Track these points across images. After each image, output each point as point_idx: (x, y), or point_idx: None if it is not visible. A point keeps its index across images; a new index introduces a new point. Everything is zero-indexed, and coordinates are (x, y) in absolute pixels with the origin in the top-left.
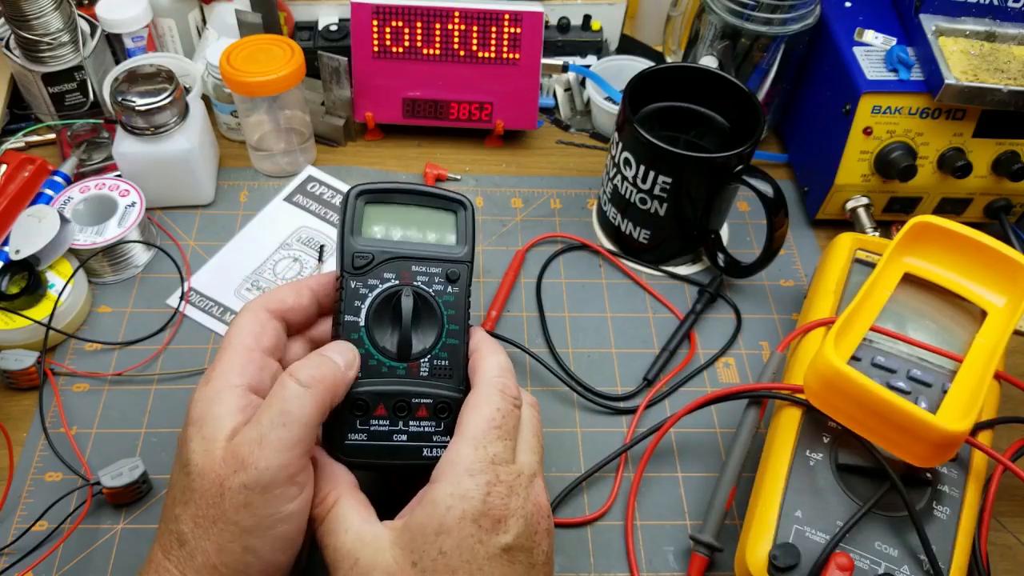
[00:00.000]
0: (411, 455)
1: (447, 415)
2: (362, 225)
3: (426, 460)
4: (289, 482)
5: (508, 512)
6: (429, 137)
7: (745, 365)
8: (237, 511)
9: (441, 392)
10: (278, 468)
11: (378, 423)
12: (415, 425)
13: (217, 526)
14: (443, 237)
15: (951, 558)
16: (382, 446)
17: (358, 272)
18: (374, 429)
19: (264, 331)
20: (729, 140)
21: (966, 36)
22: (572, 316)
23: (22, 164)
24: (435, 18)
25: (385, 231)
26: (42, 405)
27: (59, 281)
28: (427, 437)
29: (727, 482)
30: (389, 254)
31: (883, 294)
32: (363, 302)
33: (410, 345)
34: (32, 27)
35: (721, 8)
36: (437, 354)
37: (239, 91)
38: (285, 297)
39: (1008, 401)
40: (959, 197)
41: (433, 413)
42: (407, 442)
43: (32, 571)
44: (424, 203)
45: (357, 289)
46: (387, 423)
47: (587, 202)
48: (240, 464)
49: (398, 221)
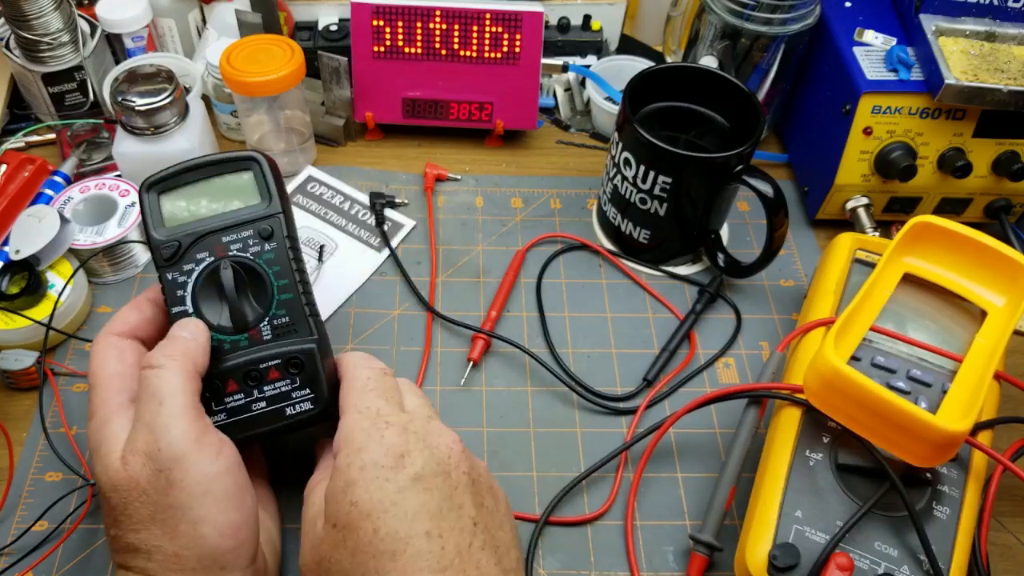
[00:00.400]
0: (274, 418)
1: (299, 370)
2: (161, 216)
3: (289, 419)
4: (197, 444)
5: (408, 447)
6: (429, 137)
7: (745, 365)
8: (166, 495)
9: (288, 349)
10: (179, 439)
11: (233, 399)
12: (270, 389)
13: (157, 519)
14: (245, 199)
15: (951, 558)
16: (244, 419)
17: (170, 263)
18: (232, 405)
19: (123, 352)
20: (729, 140)
21: (966, 36)
22: (572, 316)
23: (22, 164)
24: (435, 18)
25: (185, 213)
26: (42, 405)
27: (59, 281)
28: (285, 396)
29: (727, 482)
30: (194, 234)
31: (883, 294)
32: (185, 290)
33: (244, 314)
34: (32, 27)
35: (721, 8)
36: (275, 314)
37: (239, 91)
38: (128, 317)
39: (1008, 401)
40: (959, 197)
41: (285, 371)
42: (267, 407)
43: (32, 571)
44: (214, 172)
45: (175, 279)
46: (242, 396)
47: (587, 202)
48: (146, 457)
49: (195, 199)
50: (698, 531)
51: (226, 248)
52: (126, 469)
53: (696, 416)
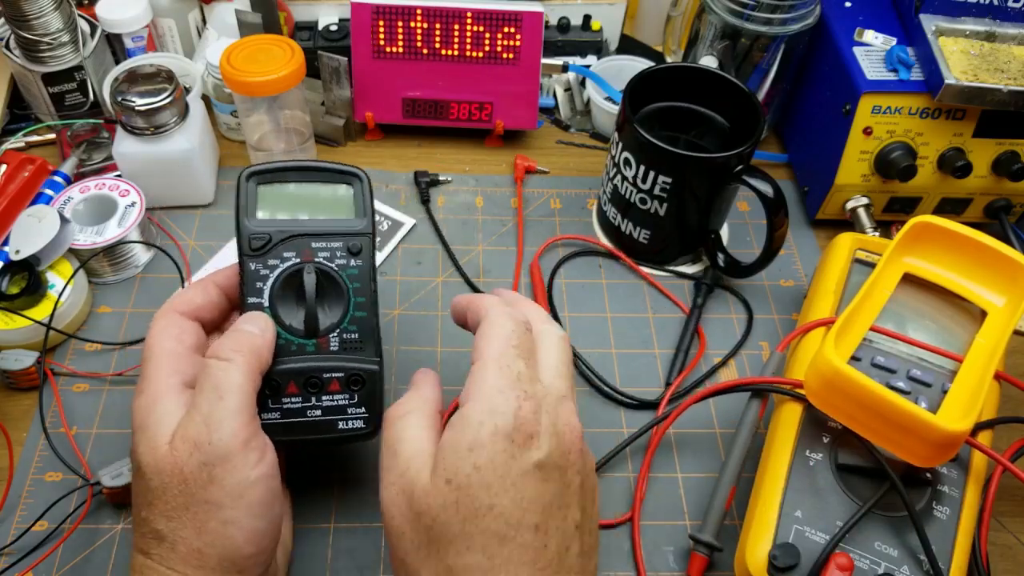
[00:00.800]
0: (326, 429)
1: (360, 387)
2: (257, 206)
3: (340, 433)
4: (245, 448)
5: (539, 428)
6: (429, 137)
7: (745, 365)
8: (205, 489)
9: (353, 365)
10: (230, 437)
11: (290, 400)
12: (328, 400)
13: (190, 511)
14: (341, 211)
15: (951, 558)
16: (297, 423)
17: (256, 254)
18: (287, 407)
19: (183, 332)
20: (729, 140)
21: (966, 36)
22: (572, 316)
23: (22, 164)
24: (435, 18)
25: (281, 210)
26: (42, 405)
27: (59, 281)
28: (341, 410)
29: (727, 482)
30: (287, 233)
31: (883, 294)
32: (265, 283)
33: (317, 321)
34: (32, 27)
35: (721, 8)
36: (346, 328)
37: (239, 91)
38: (193, 297)
39: (1008, 401)
40: (959, 197)
41: (345, 386)
42: (321, 417)
43: (32, 571)
44: (318, 179)
45: (257, 271)
46: (299, 400)
47: (587, 202)
48: (194, 447)
49: (293, 199)
50: (698, 531)
51: (314, 253)
52: (173, 454)
53: (696, 416)
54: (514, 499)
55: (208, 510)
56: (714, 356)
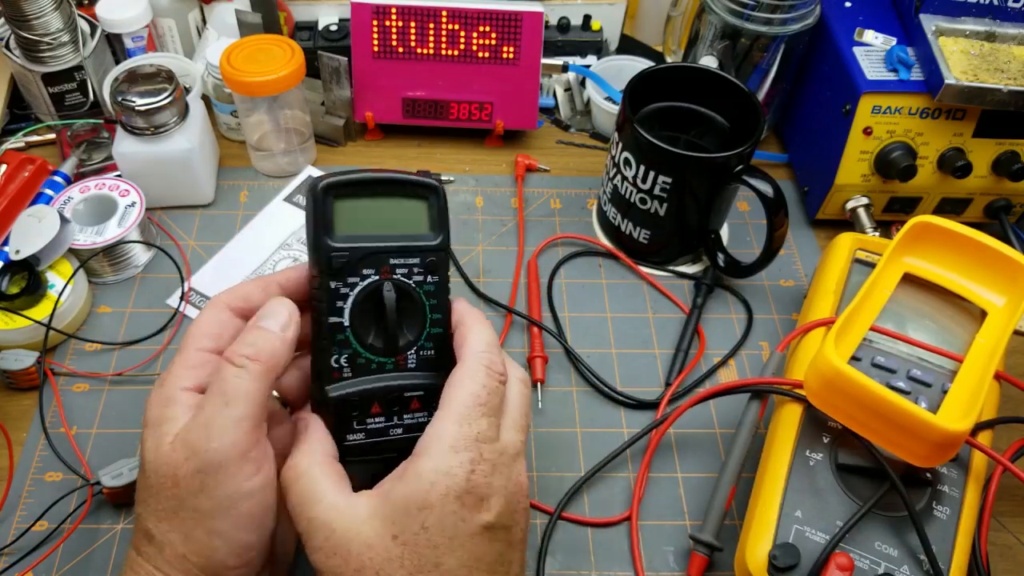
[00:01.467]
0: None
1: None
2: (334, 222)
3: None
4: (242, 459)
5: (491, 491)
6: (429, 137)
7: (745, 365)
8: (195, 496)
9: (432, 382)
10: (229, 447)
11: (375, 420)
12: (409, 418)
13: (179, 516)
14: (417, 226)
15: (951, 558)
16: (380, 442)
17: (337, 272)
18: (372, 427)
19: (224, 331)
20: (729, 140)
21: (966, 36)
22: (572, 316)
23: (22, 164)
24: (435, 18)
25: (359, 226)
26: (42, 405)
27: (59, 281)
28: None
29: (727, 482)
30: (366, 250)
31: (883, 294)
32: (345, 302)
33: (396, 339)
34: (32, 27)
35: (721, 8)
36: (423, 345)
37: (239, 91)
38: (250, 294)
39: (1008, 401)
40: (959, 197)
41: (426, 404)
42: (403, 435)
43: (32, 571)
44: (394, 192)
45: (338, 289)
46: (383, 419)
47: (587, 202)
48: (191, 452)
49: (370, 214)
50: (698, 531)
51: (392, 270)
52: (172, 455)
53: (696, 416)
54: (461, 559)
55: (195, 518)
56: (714, 356)
